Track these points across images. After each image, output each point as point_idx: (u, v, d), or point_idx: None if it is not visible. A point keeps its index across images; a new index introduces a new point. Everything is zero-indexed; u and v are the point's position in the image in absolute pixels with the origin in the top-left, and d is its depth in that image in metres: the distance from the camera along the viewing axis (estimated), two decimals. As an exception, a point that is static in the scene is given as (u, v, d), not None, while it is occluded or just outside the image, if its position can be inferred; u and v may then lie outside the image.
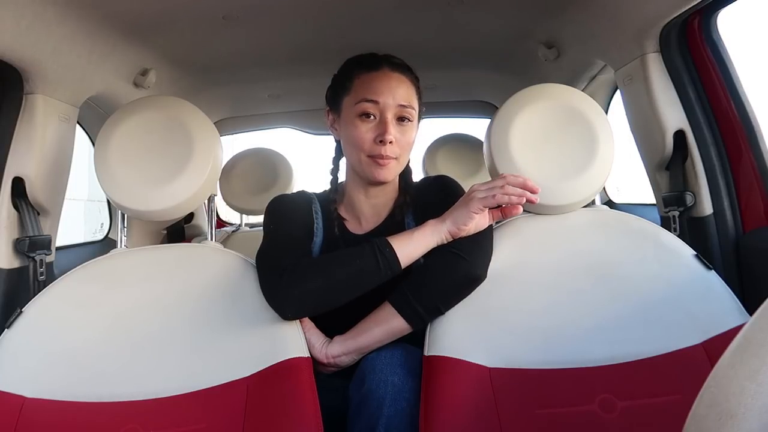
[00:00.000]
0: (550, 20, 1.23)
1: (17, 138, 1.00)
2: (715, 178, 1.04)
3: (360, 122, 0.91)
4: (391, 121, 0.90)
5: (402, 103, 0.90)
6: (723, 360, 0.35)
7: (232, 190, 1.91)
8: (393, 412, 0.74)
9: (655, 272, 0.86)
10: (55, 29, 0.95)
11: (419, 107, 0.96)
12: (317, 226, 0.98)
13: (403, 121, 0.91)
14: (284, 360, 0.79)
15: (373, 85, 0.91)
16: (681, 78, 1.05)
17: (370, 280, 0.83)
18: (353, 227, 1.00)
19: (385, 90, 0.90)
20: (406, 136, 0.92)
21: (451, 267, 0.83)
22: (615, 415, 0.74)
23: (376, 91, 0.90)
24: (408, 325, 0.83)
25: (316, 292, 0.82)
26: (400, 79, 0.92)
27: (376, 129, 0.90)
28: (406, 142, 0.92)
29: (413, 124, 0.94)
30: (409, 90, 0.93)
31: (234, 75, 1.58)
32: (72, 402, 0.78)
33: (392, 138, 0.89)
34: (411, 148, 0.95)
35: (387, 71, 0.92)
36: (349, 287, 0.82)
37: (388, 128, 0.89)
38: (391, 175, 0.93)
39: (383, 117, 0.90)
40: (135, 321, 0.85)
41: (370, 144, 0.90)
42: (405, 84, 0.92)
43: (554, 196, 0.90)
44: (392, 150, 0.90)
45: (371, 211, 0.99)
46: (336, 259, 0.85)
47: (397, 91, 0.91)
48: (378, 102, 0.89)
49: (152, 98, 1.02)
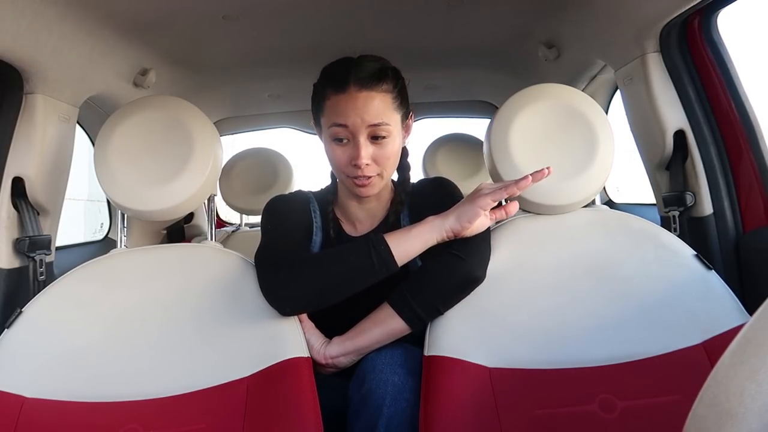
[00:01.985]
0: (550, 20, 1.23)
1: (17, 138, 1.00)
2: (715, 178, 1.04)
3: (335, 146, 0.90)
4: (363, 143, 0.87)
5: (373, 123, 0.87)
6: (723, 360, 0.35)
7: (232, 190, 1.91)
8: (393, 412, 0.74)
9: (655, 272, 0.86)
10: (55, 29, 0.95)
11: (403, 112, 0.92)
12: (316, 224, 0.98)
13: (377, 139, 0.88)
14: (284, 360, 0.79)
15: (341, 109, 0.87)
16: (681, 78, 1.05)
17: (364, 277, 0.82)
18: (349, 229, 1.00)
19: (352, 113, 0.86)
20: (384, 151, 0.89)
21: (450, 268, 0.83)
22: (615, 415, 0.74)
23: (344, 115, 0.87)
24: (407, 326, 0.83)
25: (312, 288, 0.82)
26: (368, 97, 0.87)
27: (350, 151, 0.88)
28: (385, 158, 0.89)
29: (391, 138, 0.89)
30: (380, 105, 0.87)
31: (234, 75, 1.58)
32: (72, 402, 0.78)
33: (366, 161, 0.87)
34: (395, 159, 0.92)
35: (354, 92, 0.87)
36: (344, 283, 0.82)
37: (359, 153, 0.87)
38: (374, 190, 0.92)
39: (355, 140, 0.87)
40: (135, 321, 0.85)
41: (346, 166, 0.90)
42: (375, 101, 0.87)
43: (554, 196, 0.90)
44: (370, 170, 0.89)
45: (365, 215, 0.99)
46: (331, 255, 0.85)
47: (366, 111, 0.86)
48: (347, 126, 0.87)
49: (152, 98, 1.02)
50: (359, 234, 0.99)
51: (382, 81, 0.88)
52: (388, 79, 0.89)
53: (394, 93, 0.90)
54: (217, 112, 1.92)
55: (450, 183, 1.00)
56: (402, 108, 0.92)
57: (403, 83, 0.94)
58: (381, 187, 0.93)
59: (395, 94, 0.90)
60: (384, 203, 1.00)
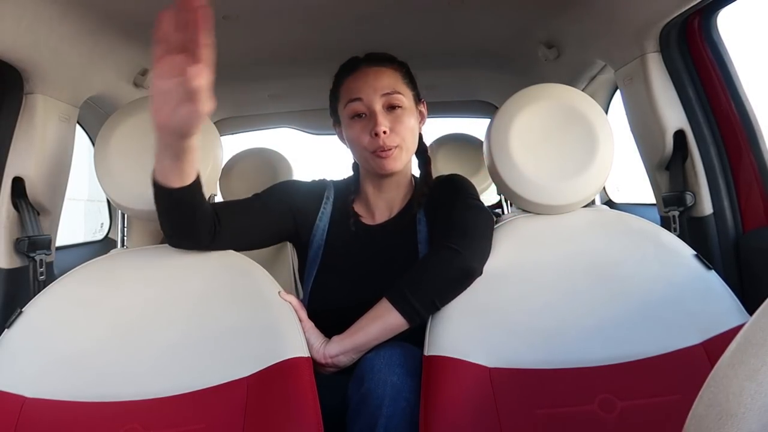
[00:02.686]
0: (550, 20, 1.23)
1: (17, 138, 1.00)
2: (715, 178, 1.04)
3: (354, 123, 0.94)
4: (380, 112, 0.92)
5: (385, 92, 0.92)
6: (723, 360, 0.35)
7: (232, 190, 1.91)
8: (392, 412, 0.74)
9: (655, 272, 0.86)
10: (55, 29, 0.95)
11: (414, 93, 0.97)
12: (323, 211, 1.01)
13: (393, 109, 0.93)
14: (284, 360, 0.78)
15: (355, 85, 0.94)
16: (681, 78, 1.05)
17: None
18: (366, 219, 1.02)
19: (366, 86, 0.93)
20: (401, 122, 0.93)
21: (446, 261, 0.84)
22: (615, 415, 0.74)
23: (358, 90, 0.93)
24: (404, 320, 0.82)
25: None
26: (379, 71, 0.94)
27: (369, 124, 0.92)
28: (403, 128, 0.93)
29: (407, 110, 0.94)
30: (391, 77, 0.94)
31: (234, 75, 1.58)
32: (72, 402, 0.78)
33: (384, 128, 0.90)
34: (414, 134, 0.96)
35: (365, 68, 0.95)
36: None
37: (377, 119, 0.91)
38: (398, 164, 0.94)
39: (371, 111, 0.92)
40: (135, 321, 0.85)
41: (367, 141, 0.93)
42: (386, 74, 0.94)
43: (554, 196, 0.90)
44: (391, 139, 0.92)
45: (384, 205, 1.01)
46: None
47: (378, 82, 0.92)
48: (362, 99, 0.92)
49: (152, 98, 1.02)
50: (376, 223, 1.01)
51: (391, 62, 0.96)
52: (395, 61, 0.97)
53: (403, 72, 0.97)
54: (217, 112, 1.92)
55: (464, 181, 1.01)
56: (413, 88, 0.98)
57: (410, 70, 1.00)
58: (403, 163, 0.96)
59: (404, 73, 0.97)
60: (403, 194, 1.02)
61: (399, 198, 1.02)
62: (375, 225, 1.01)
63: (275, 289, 0.87)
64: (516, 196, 0.93)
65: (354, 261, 0.98)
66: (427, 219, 0.98)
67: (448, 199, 0.94)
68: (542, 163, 0.91)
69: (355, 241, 0.99)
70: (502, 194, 1.62)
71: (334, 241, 0.99)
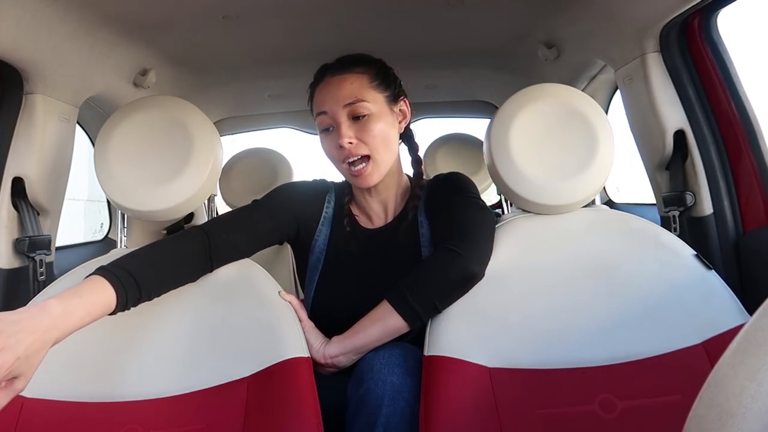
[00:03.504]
0: (550, 20, 1.23)
1: (17, 138, 1.00)
2: (715, 178, 1.04)
3: (324, 137, 0.94)
4: (344, 123, 0.90)
5: (348, 102, 0.89)
6: (723, 360, 0.35)
7: (232, 190, 1.91)
8: (392, 412, 0.73)
9: (655, 272, 0.86)
10: (55, 29, 0.95)
11: (387, 94, 0.93)
12: (325, 214, 0.99)
13: (358, 118, 0.90)
14: (284, 360, 0.78)
15: (321, 98, 0.92)
16: (681, 78, 1.05)
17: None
18: (365, 222, 1.01)
19: (329, 97, 0.91)
20: (368, 130, 0.90)
21: (447, 264, 0.83)
22: (615, 415, 0.74)
23: (323, 102, 0.92)
24: (405, 323, 0.82)
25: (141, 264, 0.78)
26: (341, 79, 0.91)
27: (336, 137, 0.90)
28: (371, 137, 0.90)
29: (375, 116, 0.90)
30: (354, 85, 0.90)
31: (234, 75, 1.58)
32: (72, 402, 0.78)
33: (348, 139, 0.89)
34: (386, 139, 0.92)
35: (329, 78, 0.92)
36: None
37: (340, 131, 0.89)
38: (373, 178, 0.92)
39: (336, 122, 0.90)
40: (135, 321, 0.85)
41: (336, 153, 0.92)
42: (348, 81, 0.90)
43: (554, 196, 0.90)
44: (358, 148, 0.90)
45: (379, 208, 1.00)
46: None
47: (339, 92, 0.90)
48: (326, 111, 0.91)
49: (152, 98, 1.02)
50: (375, 227, 1.00)
51: (356, 65, 0.93)
52: (363, 64, 0.93)
53: (371, 75, 0.93)
54: (217, 112, 1.92)
55: (464, 179, 1.00)
56: (384, 89, 0.93)
57: (385, 68, 0.96)
58: (380, 174, 0.93)
59: (372, 75, 0.93)
60: (398, 196, 1.00)
61: (394, 200, 1.00)
62: (375, 229, 1.00)
63: (275, 289, 0.87)
64: (516, 196, 0.93)
65: (357, 266, 0.97)
66: (429, 220, 0.97)
67: (449, 198, 0.93)
68: (542, 163, 0.91)
69: (357, 245, 0.98)
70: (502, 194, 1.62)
71: (336, 245, 0.98)
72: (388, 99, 0.94)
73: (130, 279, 0.73)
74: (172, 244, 0.83)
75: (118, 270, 0.73)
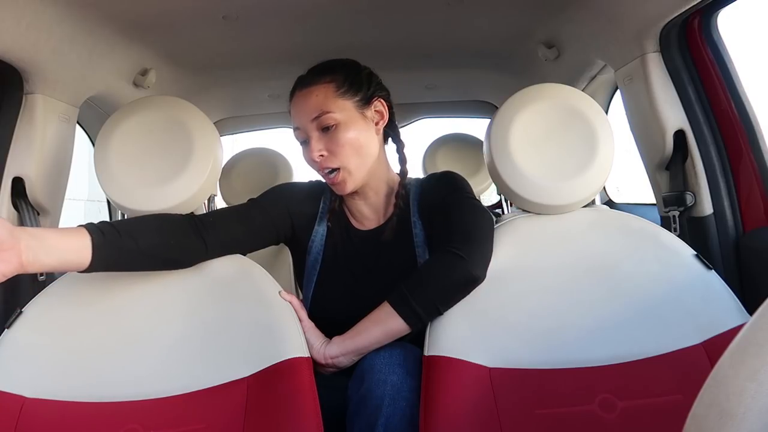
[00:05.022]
0: (550, 20, 1.23)
1: (17, 138, 1.00)
2: (715, 178, 1.04)
3: (303, 149, 0.96)
4: (314, 137, 0.91)
5: (314, 116, 0.90)
6: (723, 360, 0.35)
7: (232, 190, 1.91)
8: (392, 412, 0.74)
9: (655, 272, 0.86)
10: (56, 29, 0.95)
11: (357, 99, 0.92)
12: (321, 215, 1.00)
13: (326, 130, 0.91)
14: (284, 360, 0.78)
15: (293, 113, 0.95)
16: (681, 78, 1.05)
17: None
18: (357, 224, 1.00)
19: (298, 112, 0.93)
20: (336, 141, 0.90)
21: (449, 267, 0.83)
22: (615, 415, 0.74)
23: (294, 118, 0.94)
24: (406, 325, 0.82)
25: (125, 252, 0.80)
26: (307, 93, 0.92)
27: (309, 150, 0.92)
28: (340, 147, 0.90)
29: (341, 126, 0.90)
30: (320, 97, 0.90)
31: (234, 75, 1.58)
32: (72, 402, 0.78)
33: (318, 152, 0.91)
34: (356, 148, 0.91)
35: (297, 92, 0.94)
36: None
37: (309, 145, 0.92)
38: (349, 186, 0.93)
39: (307, 136, 0.92)
40: (135, 321, 0.85)
41: (313, 164, 0.94)
42: (314, 93, 0.91)
43: (554, 196, 0.90)
44: (328, 161, 0.91)
45: (369, 210, 1.00)
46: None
47: (306, 107, 0.91)
48: (299, 127, 0.93)
49: (152, 98, 1.02)
50: (367, 229, 0.99)
51: (323, 74, 0.93)
52: (330, 72, 0.93)
53: (338, 82, 0.92)
54: (217, 112, 1.92)
55: (458, 178, 0.99)
56: (353, 95, 0.93)
57: (355, 71, 0.95)
58: (356, 182, 0.93)
59: (339, 83, 0.92)
60: (385, 198, 1.00)
61: (382, 202, 0.99)
62: (367, 230, 0.99)
63: (275, 289, 0.87)
64: (516, 196, 0.93)
65: (353, 267, 0.97)
66: (422, 221, 0.97)
67: (445, 199, 0.93)
68: (542, 163, 0.91)
69: (352, 247, 0.98)
70: (502, 194, 1.62)
71: (333, 246, 0.98)
72: (358, 104, 0.93)
73: (108, 226, 0.77)
74: (156, 215, 0.86)
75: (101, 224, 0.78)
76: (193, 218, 0.87)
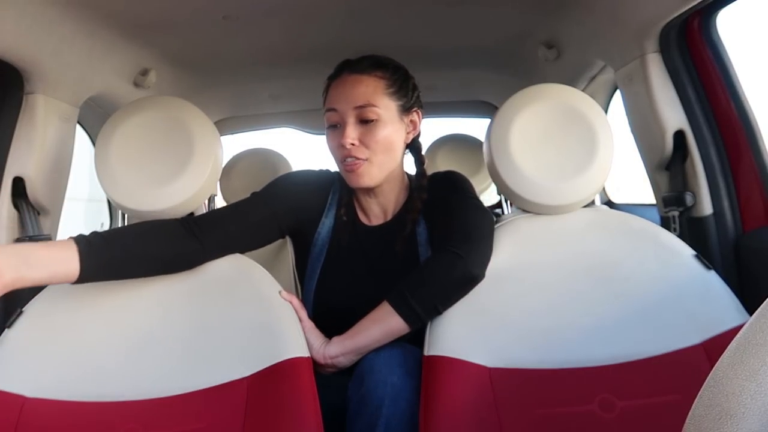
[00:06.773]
0: (550, 20, 1.23)
1: (17, 138, 1.00)
2: (715, 178, 1.04)
3: (330, 133, 0.93)
4: (350, 124, 0.89)
5: (359, 104, 0.88)
6: (723, 360, 0.35)
7: (232, 190, 1.91)
8: (392, 413, 0.74)
9: (655, 272, 0.86)
10: (55, 29, 0.95)
11: (401, 103, 0.93)
12: (329, 206, 0.99)
13: (366, 122, 0.89)
14: (284, 360, 0.78)
15: (333, 94, 0.92)
16: (681, 78, 1.05)
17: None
18: (364, 219, 1.00)
19: (341, 96, 0.90)
20: (372, 135, 0.89)
21: (448, 266, 0.83)
22: (615, 415, 0.74)
23: (333, 99, 0.91)
24: (406, 324, 0.82)
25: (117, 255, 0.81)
26: (357, 80, 0.90)
27: (340, 135, 0.90)
28: (374, 142, 0.89)
29: (383, 122, 0.90)
30: (369, 89, 0.89)
31: (234, 75, 1.58)
32: (72, 402, 0.78)
33: (351, 140, 0.88)
34: (389, 147, 0.91)
35: (345, 76, 0.91)
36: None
37: (345, 131, 0.89)
38: (365, 180, 0.91)
39: (343, 122, 0.90)
40: (135, 321, 0.85)
41: (337, 151, 0.91)
42: (363, 84, 0.90)
43: (554, 196, 0.90)
44: (358, 151, 0.89)
45: (377, 209, 1.00)
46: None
47: (353, 93, 0.89)
48: (336, 109, 0.90)
49: (152, 98, 1.02)
50: (373, 225, 0.99)
51: (376, 68, 0.92)
52: (383, 68, 0.92)
53: (390, 80, 0.92)
54: (217, 112, 1.92)
55: (460, 178, 0.99)
56: (399, 98, 0.92)
57: (406, 76, 0.96)
58: (374, 178, 0.92)
59: (390, 81, 0.92)
60: (396, 196, 0.99)
61: (392, 201, 0.99)
62: (372, 226, 0.99)
63: (275, 289, 0.87)
64: (516, 196, 0.93)
65: (356, 261, 0.97)
66: (426, 220, 0.97)
67: (446, 199, 0.93)
68: (542, 163, 0.91)
69: (356, 241, 0.98)
70: (502, 194, 1.62)
71: (338, 239, 0.98)
72: (400, 108, 0.93)
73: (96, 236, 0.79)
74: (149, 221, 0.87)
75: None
76: (189, 221, 0.87)
